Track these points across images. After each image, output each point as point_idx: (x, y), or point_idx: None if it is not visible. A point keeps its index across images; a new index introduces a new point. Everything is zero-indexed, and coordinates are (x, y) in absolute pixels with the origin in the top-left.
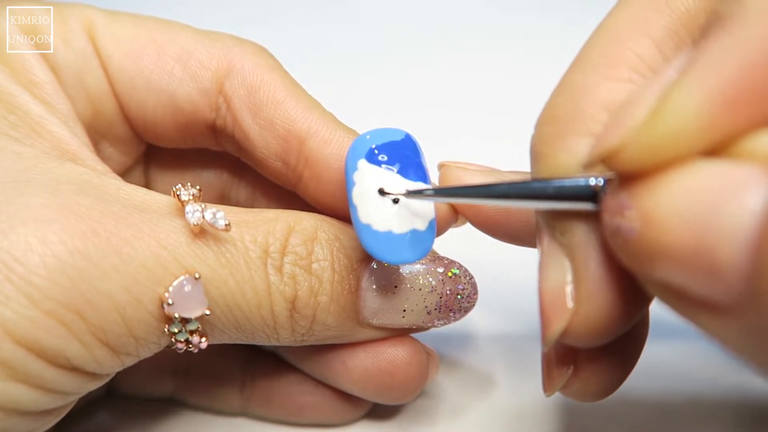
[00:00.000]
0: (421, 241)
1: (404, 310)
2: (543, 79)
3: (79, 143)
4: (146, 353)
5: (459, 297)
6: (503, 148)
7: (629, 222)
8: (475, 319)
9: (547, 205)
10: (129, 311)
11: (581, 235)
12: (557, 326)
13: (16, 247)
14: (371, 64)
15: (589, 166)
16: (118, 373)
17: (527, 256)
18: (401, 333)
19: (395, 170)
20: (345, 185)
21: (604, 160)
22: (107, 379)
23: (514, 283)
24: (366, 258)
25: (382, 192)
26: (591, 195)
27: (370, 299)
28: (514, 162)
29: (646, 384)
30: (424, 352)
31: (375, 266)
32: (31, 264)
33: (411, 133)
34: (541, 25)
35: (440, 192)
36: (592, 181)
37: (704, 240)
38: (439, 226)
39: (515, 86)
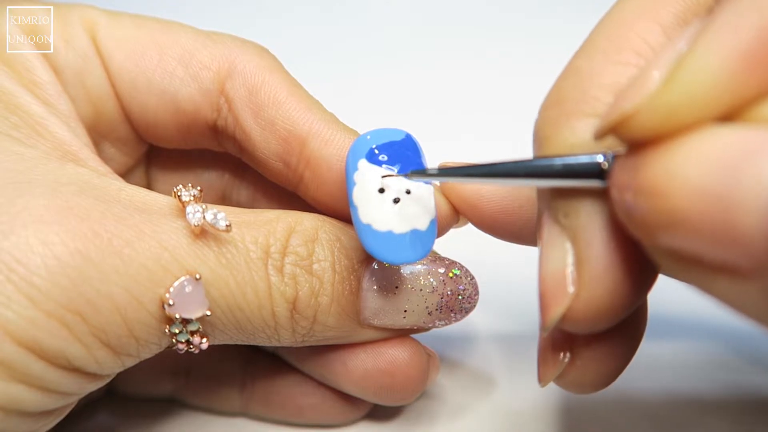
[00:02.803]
0: (421, 241)
1: (405, 311)
2: (543, 79)
3: (80, 144)
4: (147, 354)
5: (460, 297)
6: (504, 147)
7: (641, 194)
8: (475, 320)
9: (554, 183)
10: (130, 312)
11: (585, 216)
12: (557, 310)
13: (17, 248)
14: (372, 64)
15: (600, 135)
16: (119, 374)
17: (528, 257)
18: (402, 334)
19: (396, 170)
20: (345, 186)
21: (615, 128)
22: (108, 380)
23: (516, 284)
24: (367, 258)
25: (381, 191)
26: (598, 172)
27: (371, 300)
28: None
29: (645, 385)
30: (424, 353)
31: (376, 267)
32: (32, 265)
33: (412, 133)
34: (541, 25)
35: (444, 172)
36: (600, 158)
37: (724, 205)
38: (440, 227)
39: (515, 86)
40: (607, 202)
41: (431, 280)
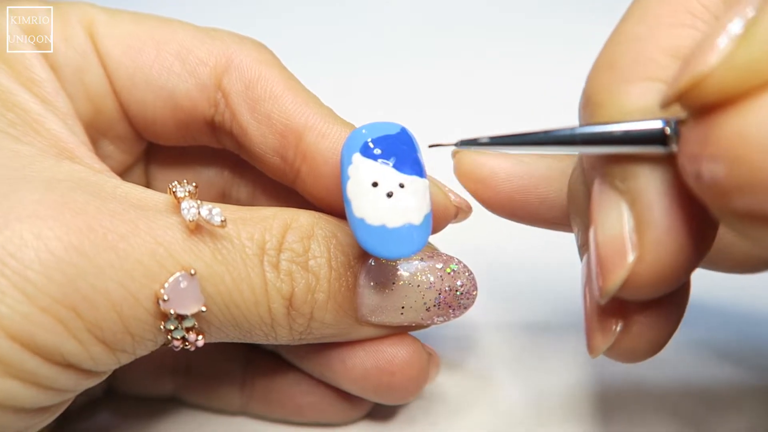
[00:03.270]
0: (415, 236)
1: (402, 307)
2: (543, 79)
3: (77, 141)
4: (142, 351)
5: (458, 294)
6: None
7: (715, 158)
8: (476, 318)
9: (613, 149)
10: (125, 308)
11: (645, 180)
12: (618, 277)
13: (11, 243)
14: (371, 62)
15: (669, 101)
16: (118, 372)
17: (530, 254)
18: (400, 331)
19: (390, 164)
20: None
21: (687, 92)
22: (103, 377)
23: (517, 281)
24: (363, 255)
25: (375, 185)
26: (661, 138)
27: (368, 296)
28: None
29: (646, 384)
30: (424, 352)
31: (372, 263)
32: (27, 259)
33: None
34: (541, 25)
35: (496, 141)
36: (661, 124)
37: None
38: (438, 222)
39: (515, 85)
40: (668, 167)
41: (429, 276)
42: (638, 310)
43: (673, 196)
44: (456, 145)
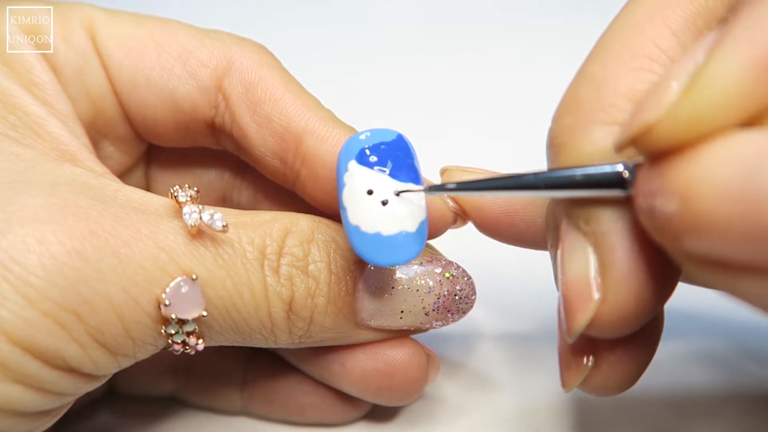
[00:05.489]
0: (409, 244)
1: (402, 312)
2: (543, 79)
3: (78, 144)
4: (143, 355)
5: (457, 298)
6: (503, 147)
7: (667, 200)
8: (476, 320)
9: (576, 193)
10: (126, 312)
11: (607, 222)
12: (584, 317)
13: (14, 247)
14: (371, 62)
15: (621, 146)
16: (119, 372)
17: (528, 256)
18: (400, 335)
19: (386, 172)
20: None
21: (636, 139)
22: (104, 381)
23: (515, 284)
24: (363, 259)
25: (370, 192)
26: (619, 181)
27: (367, 301)
28: (514, 161)
29: (648, 383)
30: (424, 353)
31: (372, 267)
32: (29, 264)
33: (408, 132)
34: (542, 25)
35: (463, 186)
36: (620, 167)
37: (748, 206)
38: (436, 228)
39: (515, 86)
40: (629, 210)
41: (428, 280)
42: (608, 348)
43: (636, 239)
44: (425, 191)
